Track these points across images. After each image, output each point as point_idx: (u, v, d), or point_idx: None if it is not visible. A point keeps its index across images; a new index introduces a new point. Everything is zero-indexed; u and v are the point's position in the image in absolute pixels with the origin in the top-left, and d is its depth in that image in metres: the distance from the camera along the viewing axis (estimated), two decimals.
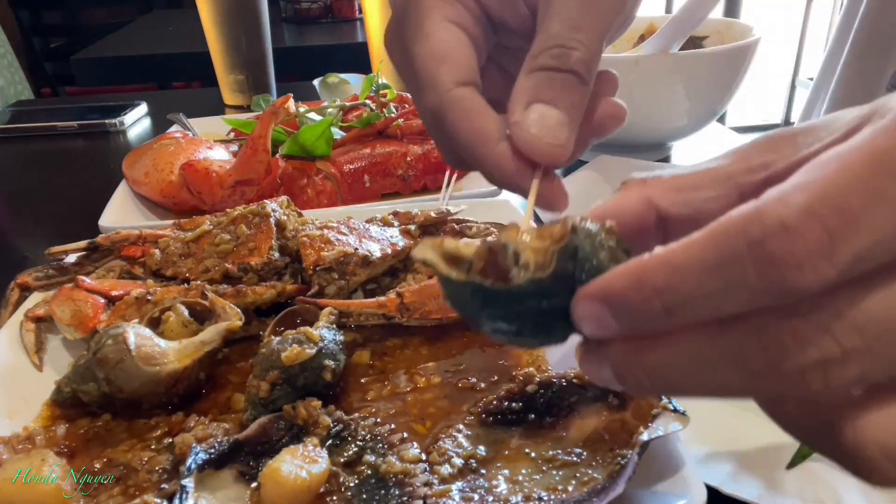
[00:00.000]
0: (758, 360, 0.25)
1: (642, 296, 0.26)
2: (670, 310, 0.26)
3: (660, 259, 0.26)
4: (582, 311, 0.29)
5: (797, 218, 0.24)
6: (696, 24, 1.11)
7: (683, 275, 0.25)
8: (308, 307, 0.71)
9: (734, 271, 0.25)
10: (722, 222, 0.25)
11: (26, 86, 2.80)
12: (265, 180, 1.02)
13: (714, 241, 0.25)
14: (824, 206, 0.24)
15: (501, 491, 0.51)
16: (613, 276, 0.27)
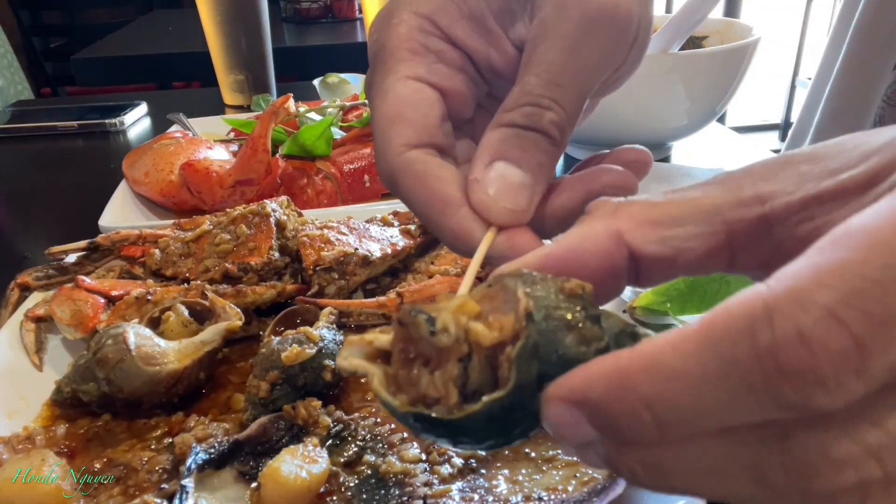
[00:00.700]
0: (779, 476, 0.22)
1: (627, 407, 0.22)
2: (663, 424, 0.22)
3: (645, 362, 0.22)
4: (554, 417, 0.24)
5: (818, 326, 0.19)
6: (696, 24, 1.11)
7: (676, 385, 0.21)
8: (308, 307, 0.71)
9: (739, 385, 0.20)
10: (721, 322, 0.21)
11: (26, 86, 2.79)
12: (265, 180, 1.02)
13: (713, 347, 0.21)
14: (852, 310, 0.19)
15: (501, 491, 0.51)
16: (589, 377, 0.23)
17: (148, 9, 3.81)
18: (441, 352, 0.27)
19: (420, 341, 0.27)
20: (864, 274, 0.19)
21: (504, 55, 0.39)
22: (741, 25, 1.24)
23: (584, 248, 0.28)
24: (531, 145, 0.35)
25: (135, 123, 1.59)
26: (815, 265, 0.20)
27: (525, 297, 0.26)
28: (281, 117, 1.05)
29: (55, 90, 3.88)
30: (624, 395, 0.22)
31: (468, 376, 0.27)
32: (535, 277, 0.27)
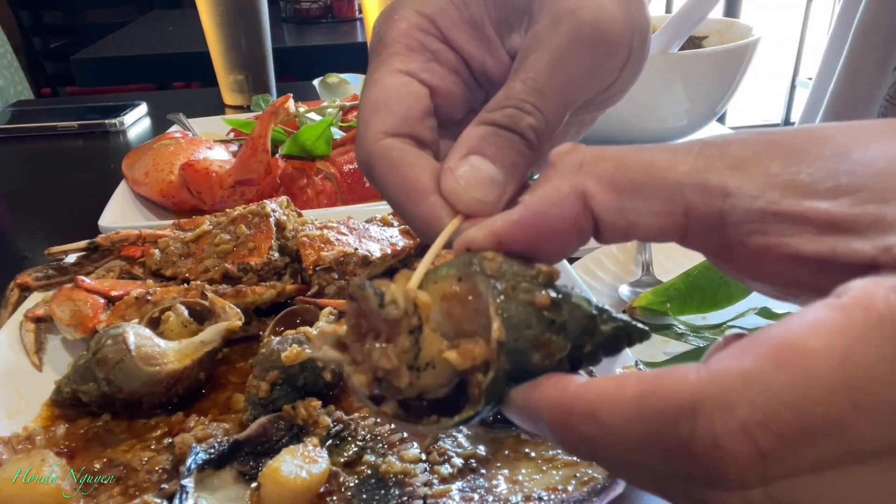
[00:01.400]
0: None
1: (568, 436, 0.26)
2: (597, 458, 0.26)
3: (586, 409, 0.25)
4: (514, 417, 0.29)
5: (732, 438, 0.22)
6: (696, 24, 1.11)
7: (608, 439, 0.25)
8: (308, 307, 0.71)
9: (659, 455, 0.24)
10: (653, 403, 0.24)
11: (26, 86, 2.80)
12: (265, 180, 1.02)
13: (642, 421, 0.24)
14: (764, 430, 0.22)
15: (501, 491, 0.51)
16: (538, 402, 0.27)
17: (148, 9, 3.81)
18: (392, 324, 0.28)
19: (372, 315, 0.28)
20: (787, 400, 0.22)
21: (498, 63, 0.41)
22: (741, 25, 1.24)
23: (553, 213, 0.29)
24: (507, 145, 0.36)
25: (135, 123, 1.59)
26: (745, 375, 0.23)
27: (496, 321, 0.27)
28: (281, 117, 1.05)
29: (55, 90, 3.88)
30: (565, 428, 0.26)
31: (420, 348, 0.28)
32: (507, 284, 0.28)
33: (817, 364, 0.22)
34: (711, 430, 0.22)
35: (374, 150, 0.37)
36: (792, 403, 0.22)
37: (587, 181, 0.29)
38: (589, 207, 0.29)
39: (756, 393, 0.22)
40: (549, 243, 0.30)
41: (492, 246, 0.30)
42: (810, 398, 0.22)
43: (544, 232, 0.29)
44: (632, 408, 0.24)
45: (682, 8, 1.11)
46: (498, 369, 0.27)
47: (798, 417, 0.22)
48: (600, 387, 0.25)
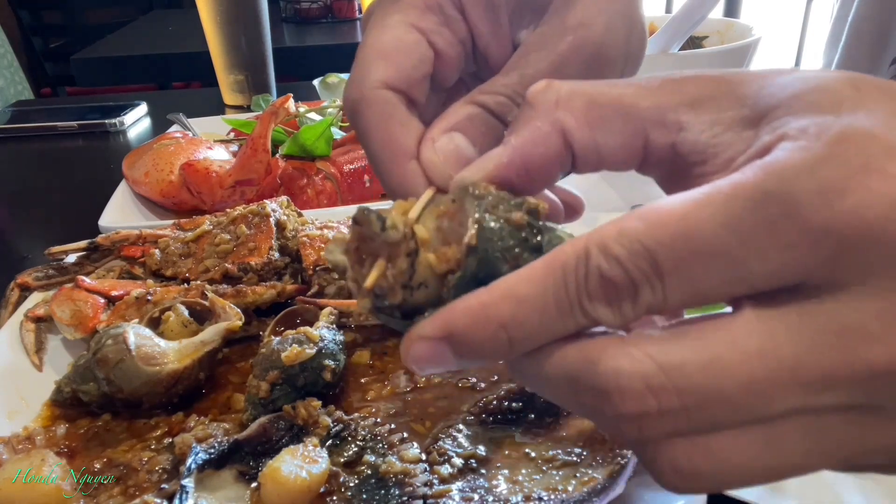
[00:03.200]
0: (586, 396, 0.27)
1: (488, 332, 0.27)
2: (514, 340, 0.28)
3: (503, 293, 0.27)
4: (415, 354, 0.29)
5: (610, 263, 0.26)
6: (696, 24, 1.11)
7: (525, 307, 0.27)
8: (308, 307, 0.71)
9: (566, 302, 0.27)
10: (559, 258, 0.27)
11: (26, 86, 2.80)
12: (265, 180, 1.02)
13: (551, 276, 0.27)
14: (633, 253, 0.26)
15: (501, 491, 0.51)
16: (453, 315, 0.28)
17: (148, 9, 3.81)
18: (391, 247, 0.30)
19: (373, 239, 0.31)
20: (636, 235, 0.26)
21: (501, 48, 0.41)
22: (741, 25, 1.24)
23: (538, 152, 0.31)
24: (490, 130, 0.37)
25: (135, 123, 1.59)
26: (620, 221, 0.26)
27: (472, 229, 0.30)
28: (281, 117, 1.05)
29: (55, 90, 3.88)
30: (485, 323, 0.27)
31: (414, 270, 0.30)
32: (490, 203, 0.31)
33: (663, 216, 0.25)
34: (597, 263, 0.26)
35: (370, 96, 0.37)
36: (640, 236, 0.25)
37: (566, 118, 0.31)
38: (568, 142, 0.31)
39: (609, 230, 0.26)
40: (535, 178, 0.32)
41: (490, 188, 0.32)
42: (650, 236, 0.25)
43: (532, 168, 0.32)
44: (544, 271, 0.27)
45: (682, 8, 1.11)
46: (465, 271, 0.29)
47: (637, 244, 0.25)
48: (514, 274, 0.28)
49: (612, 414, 0.26)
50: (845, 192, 0.24)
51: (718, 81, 0.30)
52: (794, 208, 0.24)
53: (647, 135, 0.30)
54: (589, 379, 0.27)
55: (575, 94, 0.31)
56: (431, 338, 0.29)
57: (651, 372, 0.25)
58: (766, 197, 0.24)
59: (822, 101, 0.27)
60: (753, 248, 0.25)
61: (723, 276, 0.25)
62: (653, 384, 0.25)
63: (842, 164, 0.24)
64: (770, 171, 0.25)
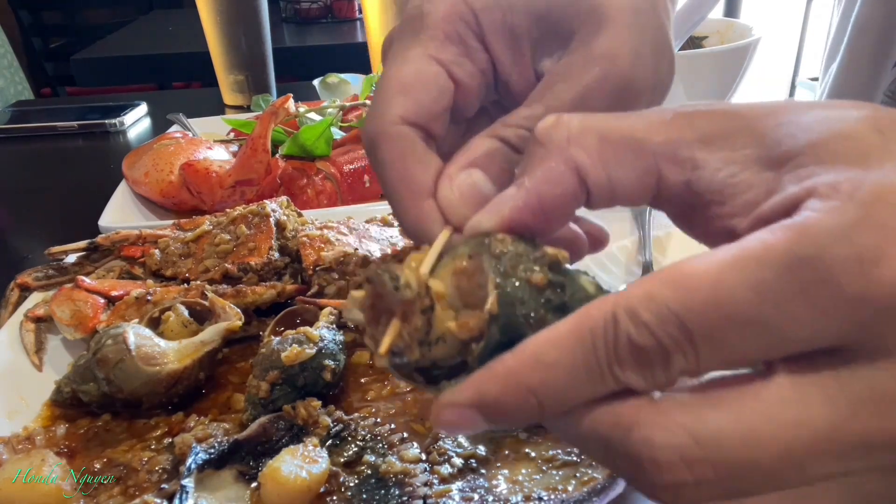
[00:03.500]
0: (621, 461, 0.27)
1: (518, 398, 0.27)
2: (544, 405, 0.27)
3: (531, 359, 0.27)
4: (448, 419, 0.29)
5: (640, 333, 0.26)
6: (696, 24, 1.11)
7: (555, 373, 0.27)
8: (308, 307, 0.71)
9: (596, 367, 0.26)
10: (586, 322, 0.27)
11: (26, 86, 2.79)
12: (265, 180, 1.02)
13: (580, 342, 0.26)
14: (666, 320, 0.25)
15: (501, 491, 0.51)
16: (483, 384, 0.28)
17: (148, 9, 3.81)
18: (405, 305, 0.30)
19: (387, 297, 0.30)
20: (666, 301, 0.25)
21: (523, 79, 0.40)
22: (741, 25, 1.24)
23: (555, 192, 0.31)
24: (512, 166, 0.35)
25: (135, 123, 1.59)
26: (647, 284, 0.26)
27: (492, 294, 0.29)
28: (281, 117, 1.05)
29: (55, 90, 3.87)
30: (515, 389, 0.27)
31: (430, 325, 0.30)
32: (509, 262, 0.30)
33: (693, 281, 0.25)
34: (626, 328, 0.26)
35: (389, 132, 0.36)
36: (669, 302, 0.25)
37: (579, 155, 0.30)
38: (583, 180, 0.30)
39: (643, 294, 0.26)
40: (552, 218, 0.32)
41: (500, 231, 0.31)
42: (680, 303, 0.25)
43: (548, 209, 0.31)
44: (571, 336, 0.27)
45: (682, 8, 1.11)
46: (489, 339, 0.29)
47: (668, 310, 0.25)
48: (541, 336, 0.28)
49: (646, 482, 0.26)
50: (882, 260, 0.23)
51: (731, 116, 0.29)
52: (829, 275, 0.24)
53: (660, 171, 0.30)
54: (622, 446, 0.27)
55: (586, 130, 0.30)
56: (461, 405, 0.28)
57: (685, 444, 0.25)
58: (801, 262, 0.24)
59: (849, 151, 0.26)
60: (788, 314, 0.24)
61: (757, 343, 0.25)
62: (687, 456, 0.25)
63: (877, 229, 0.24)
64: (803, 234, 0.24)
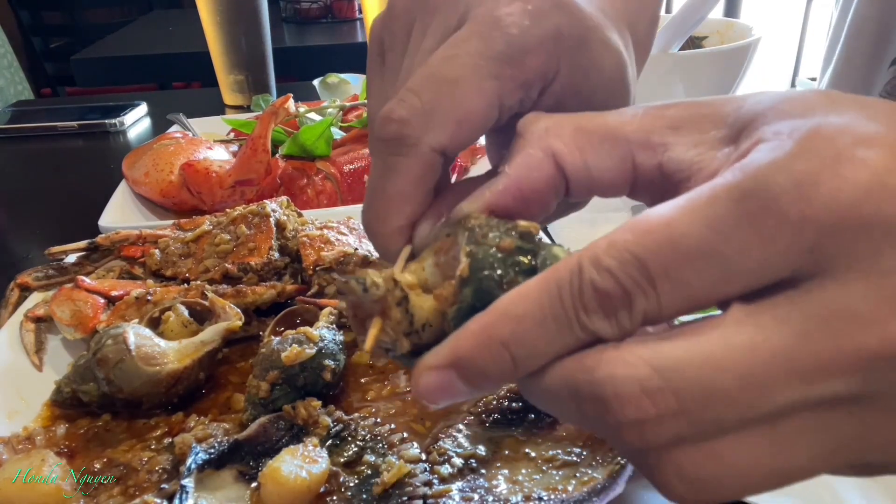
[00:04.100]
0: (588, 407, 0.27)
1: (491, 352, 0.28)
2: (516, 358, 0.28)
3: (501, 314, 0.28)
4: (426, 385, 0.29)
5: (604, 279, 0.26)
6: (696, 24, 1.11)
7: (525, 325, 0.27)
8: (308, 307, 0.71)
9: (563, 316, 0.27)
10: (553, 275, 0.27)
11: (26, 86, 2.80)
12: (265, 180, 1.02)
13: (547, 293, 0.27)
14: (626, 264, 0.26)
15: (501, 491, 0.51)
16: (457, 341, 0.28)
17: (148, 9, 3.81)
18: (381, 303, 0.31)
19: (363, 301, 0.31)
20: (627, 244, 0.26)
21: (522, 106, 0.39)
22: (741, 25, 1.24)
23: (533, 177, 0.32)
24: None
25: (135, 123, 1.59)
26: (610, 234, 0.27)
27: (463, 261, 0.30)
28: (281, 117, 1.05)
29: (55, 90, 3.88)
30: (487, 343, 0.28)
31: (412, 315, 0.31)
32: (481, 231, 0.31)
33: (650, 225, 0.26)
34: (590, 277, 0.27)
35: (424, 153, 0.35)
36: (626, 245, 0.26)
37: (555, 143, 0.32)
38: (560, 167, 0.32)
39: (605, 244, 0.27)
40: (532, 205, 0.33)
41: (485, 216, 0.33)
42: (639, 245, 0.26)
43: (528, 194, 0.32)
44: (539, 288, 0.28)
45: (682, 8, 1.11)
46: (461, 303, 0.30)
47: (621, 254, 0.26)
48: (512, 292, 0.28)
49: (613, 423, 0.26)
50: (819, 183, 0.24)
51: (699, 106, 0.31)
52: (772, 202, 0.25)
53: (634, 157, 0.31)
54: (588, 388, 0.27)
55: (562, 122, 0.32)
56: (438, 367, 0.29)
57: (645, 375, 0.26)
58: (745, 195, 0.25)
59: (794, 108, 0.28)
60: (737, 245, 0.25)
61: (712, 275, 0.26)
62: (648, 387, 0.25)
63: (814, 156, 0.25)
64: (746, 171, 0.26)
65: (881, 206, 0.24)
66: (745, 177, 0.26)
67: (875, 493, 0.54)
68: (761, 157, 0.26)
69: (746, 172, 0.26)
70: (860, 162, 0.25)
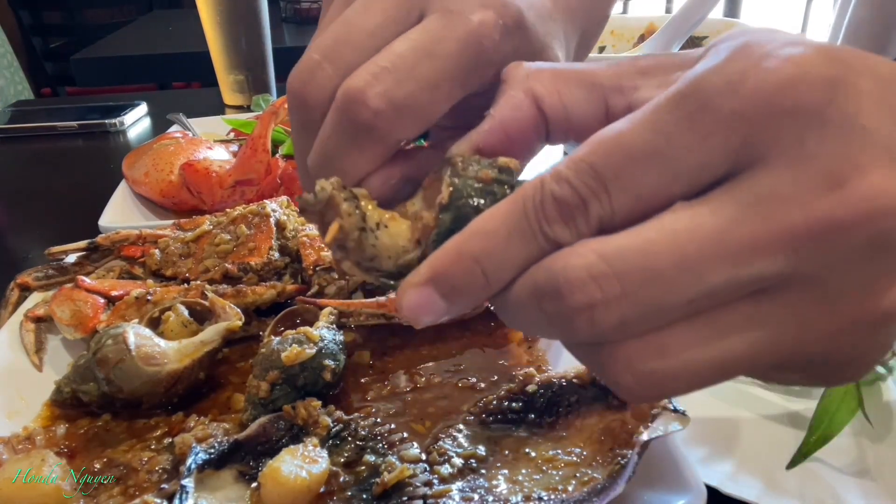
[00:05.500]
0: (548, 306, 0.29)
1: (464, 267, 0.30)
2: (487, 271, 0.30)
3: (472, 231, 0.30)
4: (409, 302, 0.31)
5: (561, 188, 0.29)
6: (696, 24, 1.11)
7: (494, 241, 0.30)
8: (308, 307, 0.71)
9: (527, 229, 0.29)
10: (520, 193, 0.30)
11: (26, 86, 2.80)
12: (265, 180, 1.02)
13: (513, 211, 0.29)
14: (577, 176, 0.29)
15: (501, 491, 0.51)
16: (434, 260, 0.31)
17: (148, 9, 3.81)
18: (334, 206, 0.34)
19: (322, 213, 0.34)
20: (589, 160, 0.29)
21: None
22: (741, 25, 1.24)
23: (516, 116, 0.34)
24: None
25: (135, 123, 1.59)
26: (571, 154, 0.29)
27: (445, 190, 0.33)
28: (281, 117, 1.05)
29: (55, 90, 3.88)
30: (460, 259, 0.30)
31: (363, 212, 0.34)
32: (463, 165, 0.33)
33: (603, 136, 0.29)
34: (550, 189, 0.29)
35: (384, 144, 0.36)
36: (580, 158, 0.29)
37: (536, 86, 0.34)
38: (541, 108, 0.34)
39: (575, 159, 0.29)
40: (516, 145, 0.35)
41: (471, 155, 0.34)
42: (592, 153, 0.28)
43: (512, 134, 0.34)
44: (507, 206, 0.30)
45: (682, 8, 1.11)
46: (440, 227, 0.32)
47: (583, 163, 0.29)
48: (486, 212, 0.31)
49: (566, 312, 0.28)
50: (746, 78, 0.27)
51: (668, 56, 0.34)
52: (707, 100, 0.27)
53: (607, 100, 0.33)
54: (544, 283, 0.29)
55: (542, 68, 0.35)
56: (418, 284, 0.31)
57: (593, 262, 0.27)
58: (683, 97, 0.28)
59: (735, 34, 0.30)
60: (679, 144, 0.27)
61: (657, 176, 0.28)
62: (594, 272, 0.27)
63: (744, 57, 0.27)
64: (685, 80, 0.28)
65: (804, 94, 0.26)
66: (683, 84, 0.28)
67: (875, 493, 0.54)
68: (700, 67, 0.28)
69: (684, 81, 0.28)
70: (784, 57, 0.27)
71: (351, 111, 0.35)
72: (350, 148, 0.36)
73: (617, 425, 0.55)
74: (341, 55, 0.37)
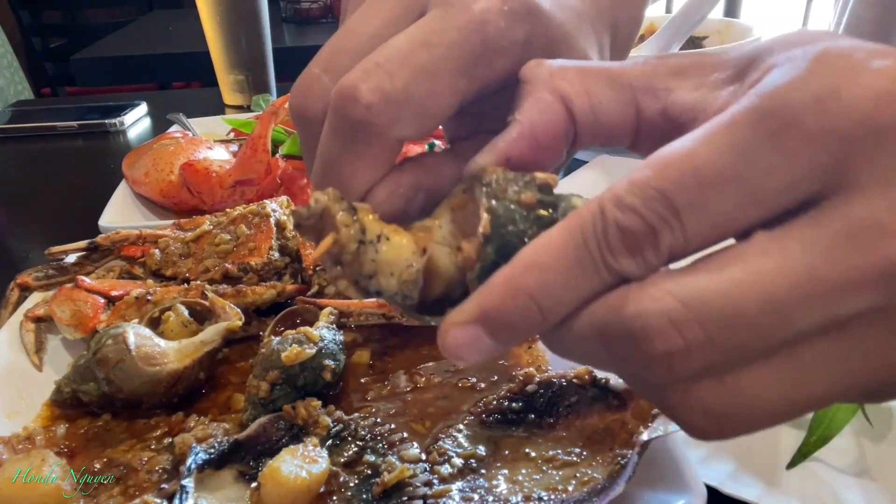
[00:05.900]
0: (618, 346, 0.27)
1: (518, 303, 0.27)
2: (543, 308, 0.27)
3: (525, 265, 0.27)
4: (454, 341, 0.28)
5: (625, 217, 0.26)
6: (696, 24, 1.11)
7: (550, 275, 0.27)
8: (308, 307, 0.71)
9: (588, 263, 0.27)
10: (576, 221, 0.27)
11: (26, 86, 2.80)
12: (265, 180, 1.02)
13: (571, 241, 0.27)
14: (646, 202, 0.26)
15: (501, 491, 0.51)
16: (482, 296, 0.28)
17: (148, 9, 3.81)
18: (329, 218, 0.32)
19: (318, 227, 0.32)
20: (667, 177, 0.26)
21: None
22: (741, 25, 1.24)
23: (545, 120, 0.32)
24: None
25: (135, 123, 1.59)
26: (629, 175, 0.27)
27: (484, 218, 0.30)
28: (281, 117, 1.05)
29: (55, 90, 3.88)
30: (513, 296, 0.27)
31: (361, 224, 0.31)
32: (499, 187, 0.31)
33: (670, 158, 0.26)
34: (615, 217, 0.26)
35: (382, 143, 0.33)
36: (642, 182, 0.26)
37: (563, 85, 0.31)
38: (570, 109, 0.31)
39: (634, 184, 0.26)
40: (546, 152, 0.32)
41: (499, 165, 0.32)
42: (661, 178, 0.26)
43: (542, 140, 0.32)
44: (562, 237, 0.27)
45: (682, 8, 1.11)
46: (485, 261, 0.30)
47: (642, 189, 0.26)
48: (535, 242, 0.28)
49: (642, 358, 0.26)
50: (838, 95, 0.24)
51: (700, 55, 0.32)
52: (792, 118, 0.24)
53: (638, 102, 0.31)
54: (616, 327, 0.26)
55: (566, 66, 0.32)
56: (465, 322, 0.28)
57: (672, 307, 0.25)
58: (765, 115, 0.25)
59: (800, 39, 0.28)
60: (761, 166, 0.25)
61: (737, 201, 0.25)
62: (675, 319, 0.25)
63: (830, 71, 0.25)
64: (763, 94, 0.25)
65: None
66: (763, 99, 0.25)
67: (875, 493, 0.54)
68: (777, 79, 0.26)
69: (764, 95, 0.25)
70: (877, 71, 0.24)
71: (343, 109, 0.33)
72: (347, 151, 0.34)
73: (617, 425, 0.55)
74: (338, 63, 0.34)
